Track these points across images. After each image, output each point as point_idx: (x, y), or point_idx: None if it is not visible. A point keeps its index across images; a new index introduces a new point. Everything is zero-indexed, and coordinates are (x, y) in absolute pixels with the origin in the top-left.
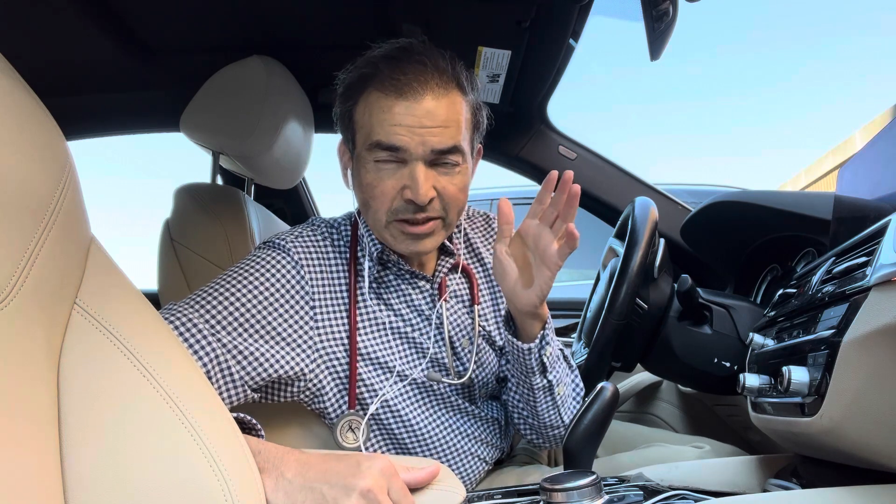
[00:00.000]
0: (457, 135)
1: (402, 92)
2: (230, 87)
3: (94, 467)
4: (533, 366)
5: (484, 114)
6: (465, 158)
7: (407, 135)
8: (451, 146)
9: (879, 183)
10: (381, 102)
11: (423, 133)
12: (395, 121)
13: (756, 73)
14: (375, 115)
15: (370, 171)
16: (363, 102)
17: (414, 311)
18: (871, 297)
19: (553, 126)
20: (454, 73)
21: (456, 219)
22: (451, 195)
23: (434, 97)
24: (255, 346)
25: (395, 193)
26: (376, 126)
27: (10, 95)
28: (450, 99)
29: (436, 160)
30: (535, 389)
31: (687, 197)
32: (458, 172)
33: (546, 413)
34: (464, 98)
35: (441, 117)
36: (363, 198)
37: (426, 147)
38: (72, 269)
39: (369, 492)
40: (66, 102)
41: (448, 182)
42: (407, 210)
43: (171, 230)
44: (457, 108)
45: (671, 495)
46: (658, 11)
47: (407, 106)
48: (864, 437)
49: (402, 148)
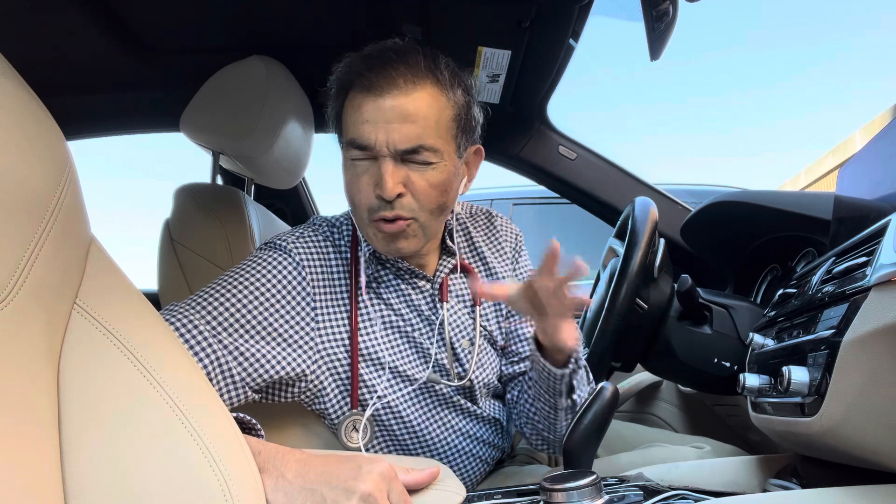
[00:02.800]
0: (424, 131)
1: (370, 88)
2: (230, 87)
3: (94, 467)
4: (562, 390)
5: (476, 112)
6: (441, 156)
7: (373, 132)
8: (415, 146)
9: (879, 183)
10: (355, 101)
11: (388, 130)
12: (363, 118)
13: (756, 73)
14: (350, 113)
15: (348, 169)
16: (346, 104)
17: (413, 311)
18: (871, 297)
19: (553, 126)
20: (430, 67)
21: (434, 219)
22: (420, 190)
23: (402, 92)
24: (256, 346)
25: (369, 191)
26: (350, 125)
27: (10, 95)
28: (420, 94)
29: (406, 154)
30: (559, 410)
31: (687, 197)
32: (431, 169)
33: (564, 429)
34: (443, 94)
35: (408, 111)
36: (347, 198)
37: (390, 141)
38: (72, 269)
39: (369, 495)
40: (66, 102)
41: (419, 178)
42: (380, 207)
43: (171, 230)
44: (428, 103)
45: (671, 495)
46: (658, 11)
47: (373, 101)
48: (864, 437)
49: (367, 145)
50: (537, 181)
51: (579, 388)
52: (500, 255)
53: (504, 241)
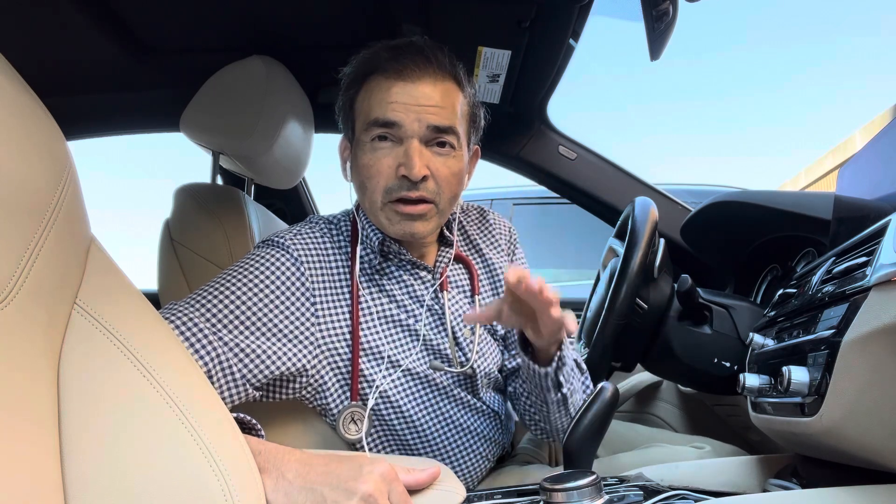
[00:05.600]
0: (452, 117)
1: (401, 74)
2: (230, 87)
3: (94, 467)
4: (549, 386)
5: (481, 113)
6: (459, 144)
7: (403, 111)
8: (447, 125)
9: (879, 183)
10: (380, 85)
11: (420, 111)
12: (392, 98)
13: (756, 74)
14: (375, 96)
15: (367, 151)
16: (364, 90)
17: (416, 302)
18: (871, 297)
19: (553, 126)
20: (451, 66)
21: (449, 206)
22: (443, 177)
23: (431, 82)
24: (257, 343)
25: (391, 172)
26: (375, 106)
27: (10, 95)
28: (446, 87)
29: (431, 139)
30: (550, 403)
31: (687, 197)
32: (452, 156)
33: (558, 420)
34: (460, 91)
35: (437, 99)
36: (360, 181)
37: (422, 123)
38: (72, 269)
39: (370, 496)
40: (66, 102)
41: (441, 164)
42: (401, 188)
43: (171, 230)
44: (452, 96)
45: (671, 495)
46: (658, 11)
47: (404, 85)
48: (864, 437)
49: (397, 123)
50: (537, 181)
51: (568, 383)
52: (496, 248)
53: (499, 234)
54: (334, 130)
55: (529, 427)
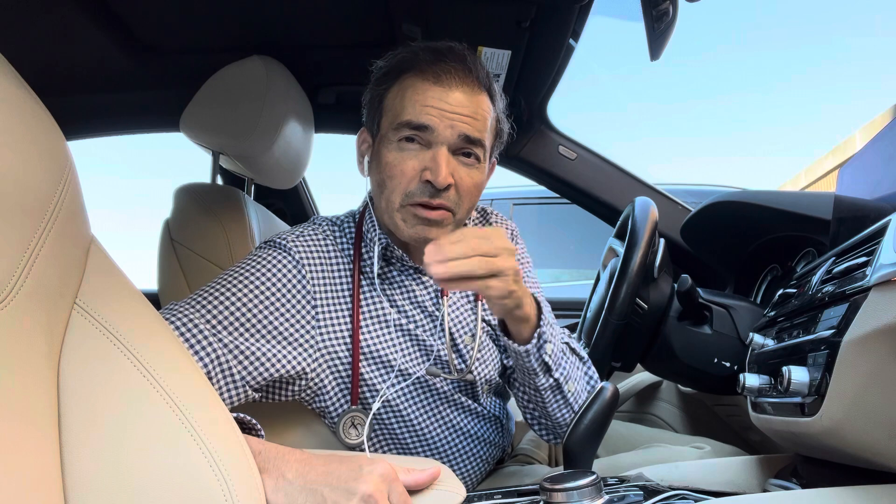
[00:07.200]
0: (483, 129)
1: (438, 79)
2: (230, 87)
3: (94, 467)
4: (534, 367)
5: (506, 128)
6: (484, 157)
7: (437, 116)
8: (477, 137)
9: (879, 183)
10: (416, 86)
11: (454, 118)
12: (427, 102)
13: (756, 74)
14: (409, 96)
15: (393, 150)
16: (397, 86)
17: (418, 308)
18: (871, 297)
19: (553, 126)
20: (487, 79)
21: (465, 217)
22: (466, 187)
23: (468, 92)
24: (256, 345)
25: (415, 174)
26: (408, 106)
27: (11, 95)
28: (480, 99)
29: (459, 148)
30: (542, 390)
31: (687, 197)
32: (476, 168)
33: (558, 412)
34: (492, 105)
35: (471, 109)
36: (381, 178)
37: (454, 131)
38: (72, 269)
39: (370, 497)
40: (66, 102)
41: (466, 174)
42: (423, 193)
43: (171, 230)
44: (485, 109)
45: (671, 495)
46: (658, 11)
47: (441, 91)
48: (864, 437)
49: (430, 127)
50: (537, 181)
51: (560, 367)
52: None
53: None
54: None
55: (532, 425)
